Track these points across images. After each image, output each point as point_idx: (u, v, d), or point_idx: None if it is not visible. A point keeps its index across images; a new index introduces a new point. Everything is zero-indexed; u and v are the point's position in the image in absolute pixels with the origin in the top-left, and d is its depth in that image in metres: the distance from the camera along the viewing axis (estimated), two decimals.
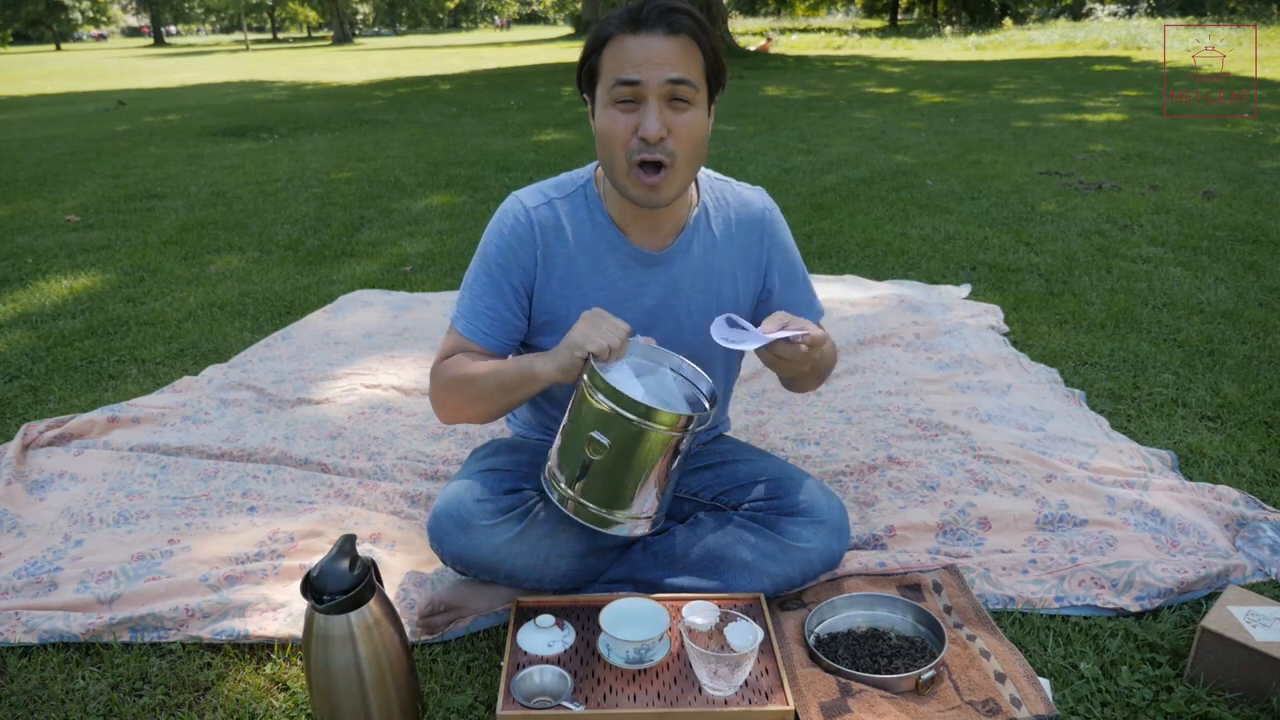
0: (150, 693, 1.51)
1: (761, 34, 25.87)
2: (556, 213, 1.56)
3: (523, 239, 1.55)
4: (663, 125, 1.40)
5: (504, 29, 73.16)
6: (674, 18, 1.38)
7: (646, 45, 1.38)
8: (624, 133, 1.41)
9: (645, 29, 1.38)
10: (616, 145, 1.43)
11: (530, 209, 1.56)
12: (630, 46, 1.38)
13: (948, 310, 3.22)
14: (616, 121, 1.41)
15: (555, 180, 1.61)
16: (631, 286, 1.58)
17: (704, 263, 1.61)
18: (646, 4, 1.38)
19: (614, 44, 1.40)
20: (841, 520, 1.66)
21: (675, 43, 1.39)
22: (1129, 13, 28.36)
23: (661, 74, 1.38)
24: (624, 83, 1.39)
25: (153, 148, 8.14)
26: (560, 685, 1.41)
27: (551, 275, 1.56)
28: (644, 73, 1.38)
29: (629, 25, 1.39)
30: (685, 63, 1.39)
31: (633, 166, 1.43)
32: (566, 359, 1.40)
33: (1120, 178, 5.52)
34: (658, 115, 1.39)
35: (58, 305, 3.62)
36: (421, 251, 4.35)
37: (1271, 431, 2.32)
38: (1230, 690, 1.42)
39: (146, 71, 22.49)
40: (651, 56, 1.38)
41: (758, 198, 1.68)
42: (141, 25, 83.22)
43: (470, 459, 1.73)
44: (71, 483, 2.15)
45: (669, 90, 1.39)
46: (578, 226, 1.56)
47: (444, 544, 1.55)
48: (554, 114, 9.83)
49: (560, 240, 1.56)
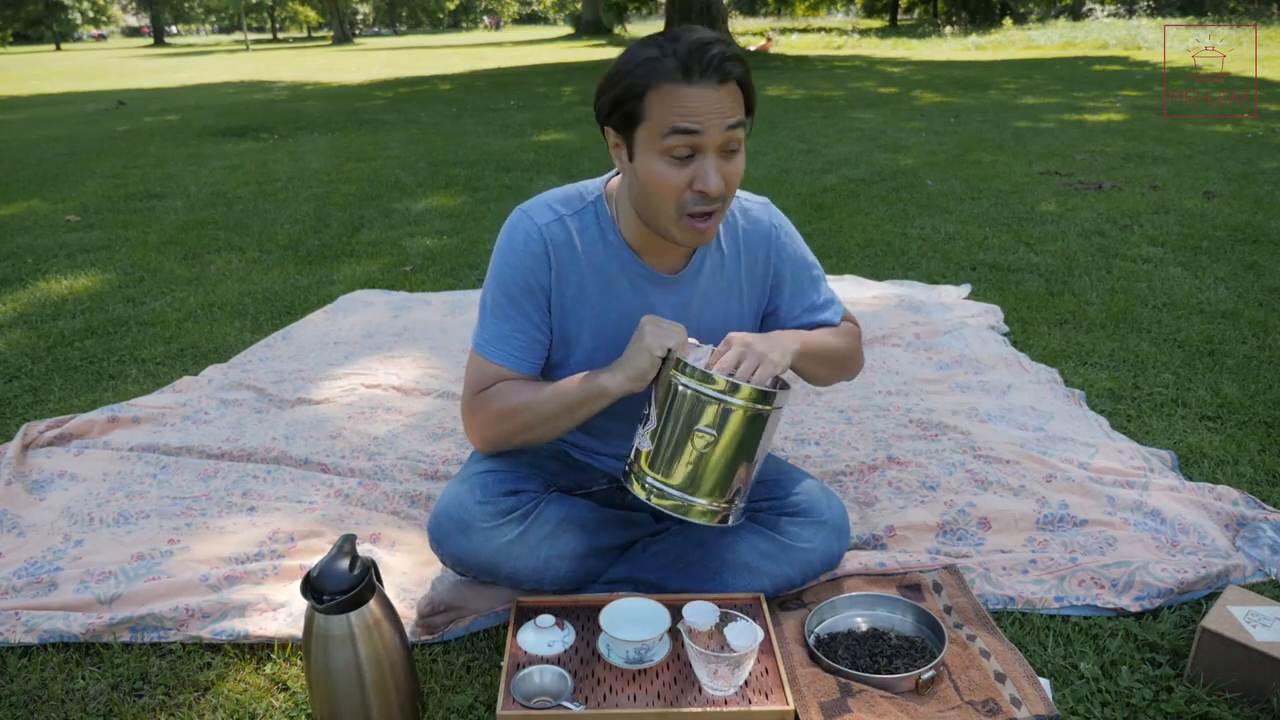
0: (150, 693, 1.51)
1: (761, 34, 25.87)
2: (568, 230, 1.52)
3: (537, 257, 1.50)
4: (721, 176, 1.36)
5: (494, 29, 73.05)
6: (729, 66, 1.33)
7: (704, 96, 1.32)
8: (678, 186, 1.37)
9: (701, 80, 1.32)
10: (667, 197, 1.38)
11: (541, 226, 1.51)
12: (687, 97, 1.32)
13: (948, 310, 3.22)
14: (669, 174, 1.36)
15: (562, 194, 1.56)
16: (642, 306, 1.56)
17: (713, 282, 1.60)
18: (700, 54, 1.32)
19: (663, 91, 1.33)
20: (841, 520, 1.66)
21: (729, 89, 1.35)
22: (1129, 13, 28.36)
23: (720, 124, 1.34)
24: (682, 132, 1.33)
25: (153, 148, 8.14)
26: (560, 685, 1.41)
27: (565, 293, 1.53)
28: (705, 123, 1.33)
29: (682, 75, 1.32)
30: (737, 108, 1.36)
31: (683, 216, 1.39)
32: (644, 362, 1.39)
33: (1120, 178, 5.52)
34: (717, 169, 1.36)
35: (58, 305, 3.62)
36: (421, 251, 4.35)
37: (1271, 431, 2.32)
38: (1230, 690, 1.42)
39: (146, 71, 22.49)
40: (711, 107, 1.33)
41: (764, 215, 1.65)
42: (141, 25, 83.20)
43: (471, 459, 1.73)
44: (71, 483, 2.15)
45: (726, 139, 1.35)
46: (589, 245, 1.53)
47: (444, 545, 1.55)
48: (554, 114, 9.83)
49: (573, 258, 1.52)
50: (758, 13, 47.51)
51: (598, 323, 1.56)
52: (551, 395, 1.49)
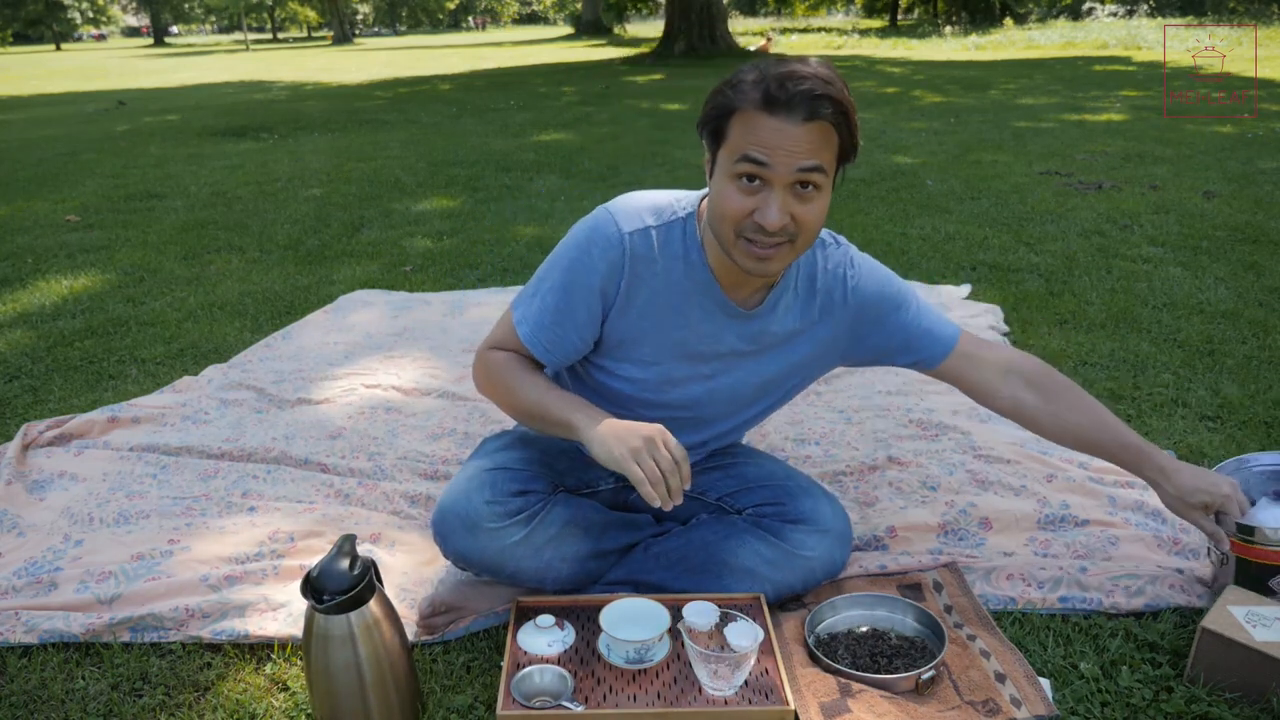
0: (150, 693, 1.51)
1: (761, 34, 25.85)
2: (651, 243, 1.46)
3: (613, 264, 1.45)
4: (785, 214, 1.31)
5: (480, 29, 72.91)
6: (816, 105, 1.27)
7: (782, 130, 1.27)
8: (740, 212, 1.33)
9: (783, 113, 1.27)
10: (728, 220, 1.35)
11: (626, 234, 1.45)
12: (763, 127, 1.28)
13: (948, 310, 3.22)
14: (735, 198, 1.33)
15: (654, 203, 1.50)
16: (710, 332, 1.52)
17: (786, 322, 1.55)
18: (786, 84, 1.27)
19: (744, 116, 1.30)
20: (845, 529, 1.66)
21: (813, 129, 1.28)
22: (1129, 13, 28.36)
23: (793, 162, 1.28)
24: (751, 160, 1.30)
25: (153, 148, 8.14)
26: (560, 685, 1.41)
27: (632, 304, 1.49)
28: (775, 158, 1.28)
29: (766, 105, 1.28)
30: (819, 150, 1.30)
31: (740, 239, 1.35)
32: (610, 455, 1.34)
33: (1120, 178, 5.52)
34: (780, 206, 1.30)
35: (58, 305, 3.62)
36: (421, 251, 4.35)
37: (1271, 431, 2.32)
38: (1230, 690, 1.42)
39: (146, 71, 22.49)
40: (785, 143, 1.28)
41: (841, 259, 1.57)
42: (141, 25, 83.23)
43: (481, 448, 1.71)
44: (71, 483, 2.15)
45: (798, 178, 1.30)
46: (670, 262, 1.47)
47: (448, 541, 1.54)
48: (554, 114, 9.83)
49: (650, 272, 1.47)
50: (758, 13, 47.50)
51: (660, 339, 1.52)
52: (536, 397, 1.48)
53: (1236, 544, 1.54)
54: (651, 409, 1.59)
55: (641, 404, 1.59)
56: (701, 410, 1.62)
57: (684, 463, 1.34)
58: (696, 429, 1.66)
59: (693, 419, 1.63)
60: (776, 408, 1.73)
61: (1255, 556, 1.53)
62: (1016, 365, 1.64)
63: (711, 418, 1.65)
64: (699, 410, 1.62)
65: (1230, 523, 1.53)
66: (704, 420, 1.65)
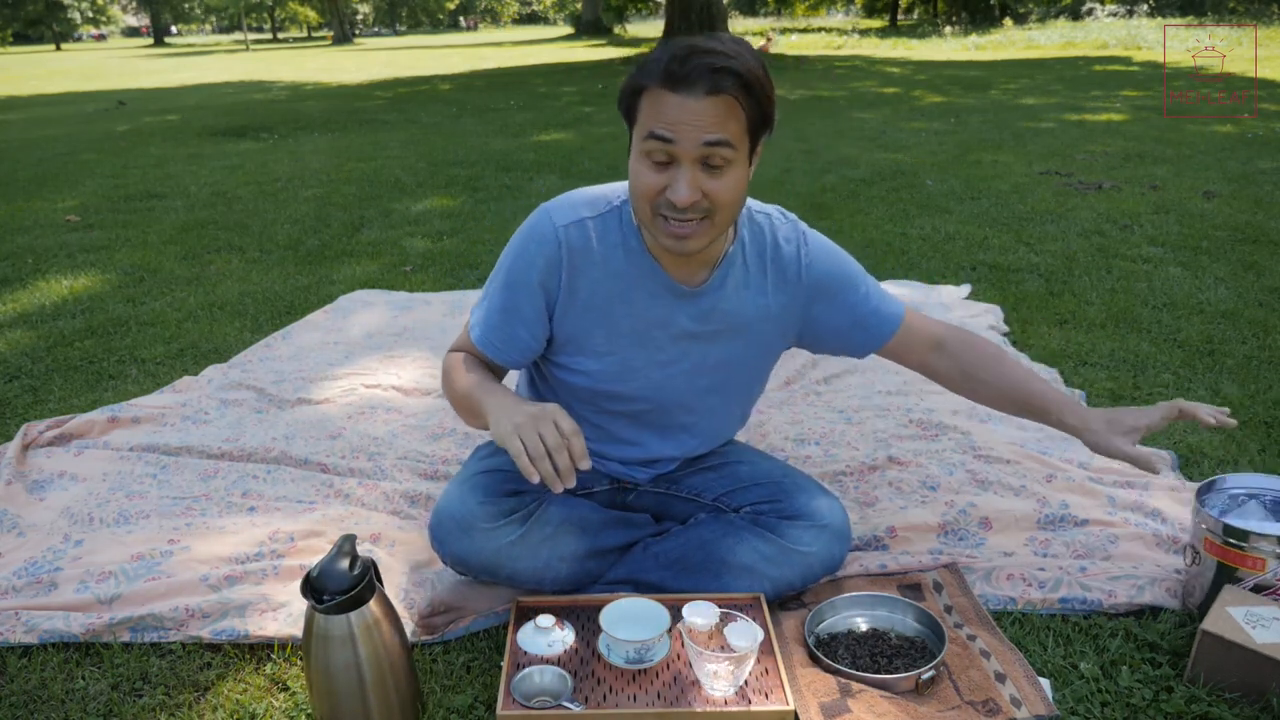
0: (150, 693, 1.51)
1: (761, 34, 25.84)
2: (588, 233, 1.48)
3: (550, 259, 1.47)
4: (695, 189, 1.32)
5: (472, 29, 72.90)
6: (716, 79, 1.27)
7: (684, 105, 1.28)
8: (652, 189, 1.34)
9: (684, 88, 1.27)
10: (643, 198, 1.36)
11: (560, 228, 1.47)
12: (667, 104, 1.29)
13: (948, 310, 3.22)
14: (646, 176, 1.34)
15: (589, 196, 1.52)
16: (658, 317, 1.53)
17: (737, 299, 1.55)
18: (688, 60, 1.27)
19: (650, 94, 1.31)
20: (843, 525, 1.66)
21: (716, 102, 1.28)
22: (1129, 13, 28.35)
23: (697, 136, 1.29)
24: (656, 138, 1.30)
25: (153, 148, 8.14)
26: (560, 685, 1.41)
27: (576, 296, 1.50)
28: (679, 133, 1.29)
29: (666, 81, 1.28)
30: (725, 123, 1.29)
31: (658, 217, 1.36)
32: (495, 434, 1.35)
33: (1120, 178, 5.52)
34: (690, 181, 1.31)
35: (58, 305, 3.62)
36: (421, 251, 4.35)
37: (1271, 431, 2.32)
38: (1230, 691, 1.42)
39: (146, 71, 22.49)
40: (687, 118, 1.28)
41: (793, 237, 1.58)
42: (141, 25, 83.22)
43: (473, 457, 1.73)
44: (71, 483, 2.15)
45: (704, 153, 1.30)
46: (609, 251, 1.49)
47: (445, 544, 1.55)
48: (554, 114, 9.83)
49: (588, 263, 1.48)
50: (758, 13, 47.49)
51: (611, 328, 1.52)
52: (464, 388, 1.49)
53: (1221, 548, 1.54)
54: (615, 401, 1.60)
55: (605, 396, 1.59)
56: (665, 398, 1.60)
57: (574, 437, 1.31)
58: (666, 425, 1.65)
59: (658, 411, 1.62)
60: (742, 399, 1.71)
61: (1235, 562, 1.53)
62: (945, 336, 1.67)
63: (676, 406, 1.62)
64: (662, 398, 1.60)
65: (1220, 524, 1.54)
66: (669, 411, 1.63)
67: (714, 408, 1.67)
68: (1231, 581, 1.53)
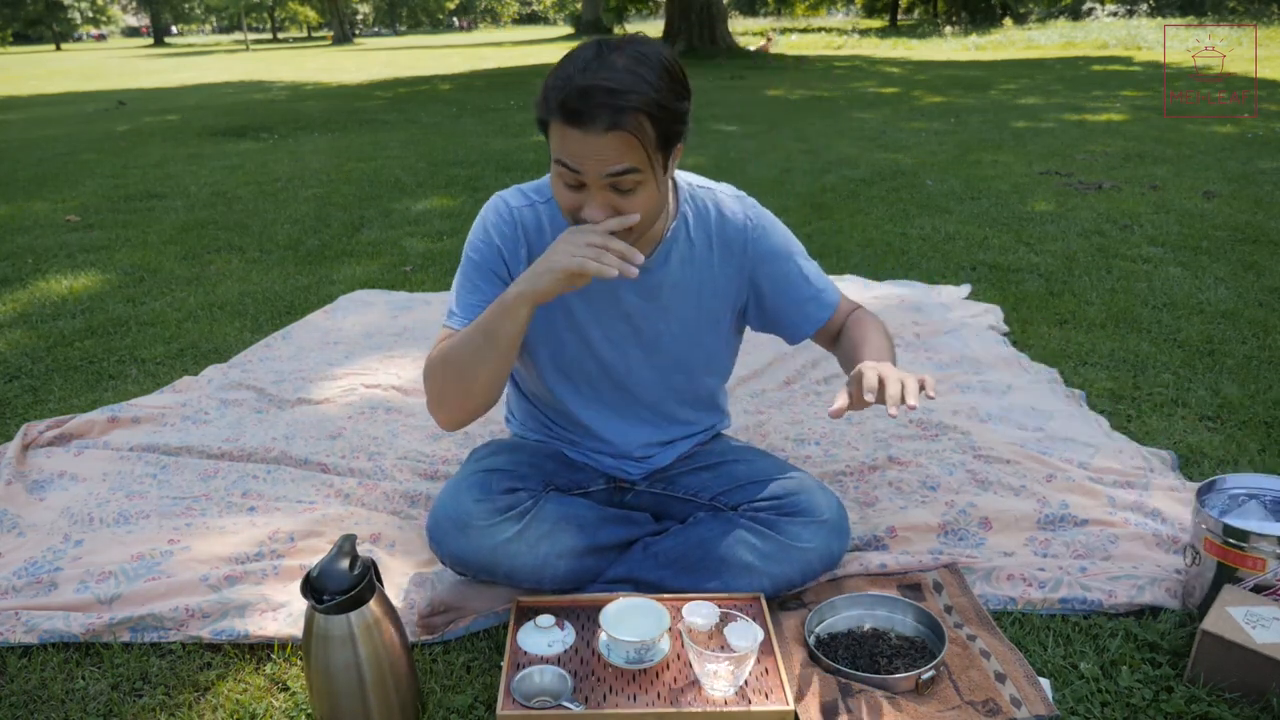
0: (150, 693, 1.51)
1: (761, 34, 25.85)
2: (539, 216, 1.56)
3: (506, 236, 1.55)
4: (608, 208, 1.35)
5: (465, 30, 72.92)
6: (615, 117, 1.27)
7: (585, 141, 1.29)
8: (571, 206, 1.38)
9: (583, 125, 1.28)
10: (564, 211, 1.40)
11: (514, 209, 1.56)
12: (569, 138, 1.30)
13: (948, 310, 3.22)
14: (562, 194, 1.38)
15: (538, 184, 1.59)
16: (607, 295, 1.57)
17: (683, 274, 1.59)
18: (586, 97, 1.27)
19: (554, 126, 1.32)
20: (841, 520, 1.66)
21: (616, 137, 1.28)
22: (1129, 13, 28.36)
23: (601, 169, 1.31)
24: (564, 166, 1.33)
25: (153, 148, 8.14)
26: (560, 685, 1.41)
27: None
28: (584, 165, 1.31)
29: (566, 118, 1.29)
30: (626, 153, 1.30)
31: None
32: (544, 283, 1.35)
33: (1120, 178, 5.52)
34: (600, 204, 1.34)
35: (58, 305, 3.62)
36: (421, 251, 4.35)
37: (1271, 431, 2.32)
38: (1230, 691, 1.42)
39: (146, 71, 22.49)
40: (590, 152, 1.30)
41: (739, 209, 1.62)
42: (141, 25, 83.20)
43: (469, 459, 1.73)
44: (71, 483, 2.15)
45: (611, 181, 1.32)
46: (558, 233, 1.51)
47: (443, 544, 1.56)
48: None
49: (540, 243, 1.54)
50: (758, 13, 47.51)
51: (565, 310, 1.58)
52: (469, 330, 1.47)
53: (1221, 548, 1.54)
54: (580, 383, 1.65)
55: (570, 379, 1.64)
56: (623, 377, 1.65)
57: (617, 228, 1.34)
58: (631, 406, 1.68)
59: (619, 390, 1.66)
60: (703, 376, 1.72)
61: (1235, 562, 1.53)
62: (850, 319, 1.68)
63: (636, 384, 1.66)
64: (620, 377, 1.64)
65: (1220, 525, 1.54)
66: (630, 390, 1.67)
67: (678, 386, 1.70)
68: (1231, 581, 1.53)
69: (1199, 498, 1.64)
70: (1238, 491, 1.70)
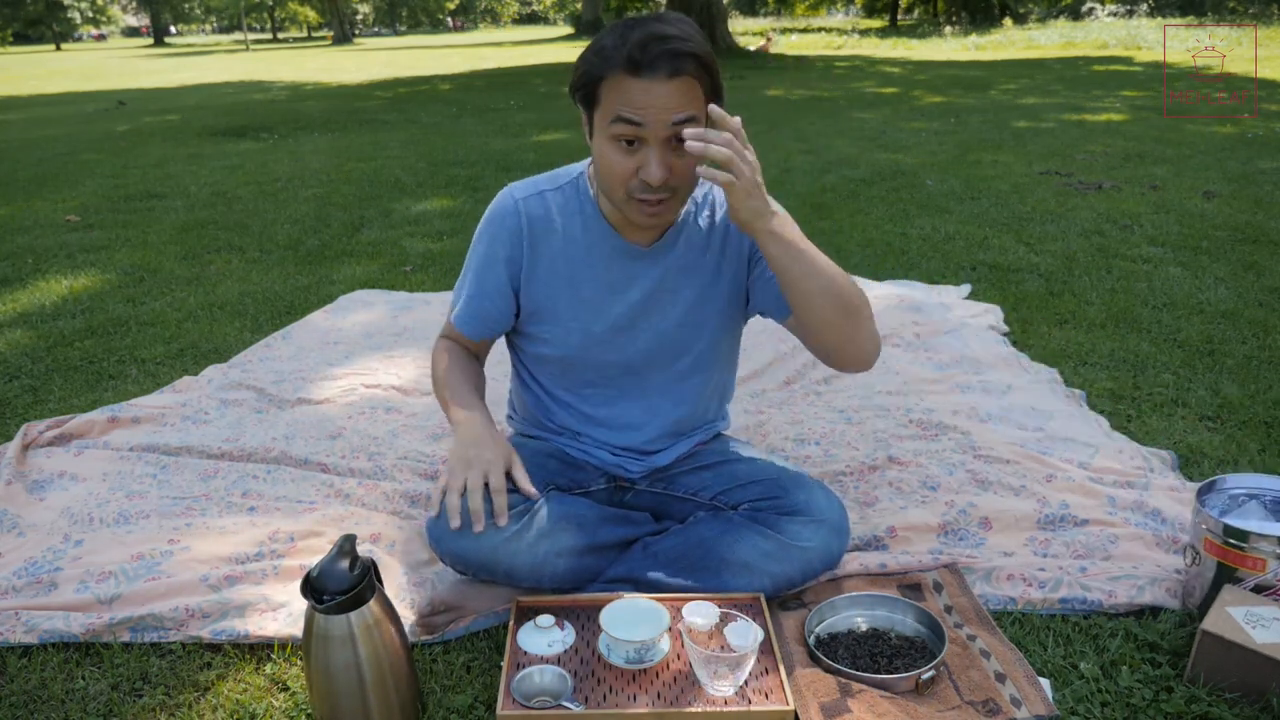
0: (150, 693, 1.51)
1: (761, 34, 25.86)
2: (547, 204, 1.59)
3: (510, 231, 1.58)
4: (665, 167, 1.38)
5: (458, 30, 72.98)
6: (678, 62, 1.34)
7: (650, 90, 1.34)
8: (625, 171, 1.40)
9: (647, 73, 1.34)
10: (616, 181, 1.42)
11: (519, 200, 1.59)
12: (632, 89, 1.35)
13: (948, 310, 3.22)
14: (617, 159, 1.40)
15: (550, 173, 1.64)
16: (618, 279, 1.60)
17: (690, 258, 1.62)
18: (648, 47, 1.33)
19: (612, 81, 1.36)
20: (841, 519, 1.66)
21: (678, 84, 1.35)
22: (1129, 13, 28.36)
23: (666, 118, 1.35)
24: (625, 121, 1.36)
25: (153, 148, 8.14)
26: (560, 685, 1.41)
27: (538, 266, 1.59)
28: (647, 116, 1.35)
29: (629, 68, 1.34)
30: (688, 102, 1.36)
31: (632, 198, 1.43)
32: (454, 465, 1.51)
33: (1120, 178, 5.52)
34: (660, 161, 1.37)
35: (58, 305, 3.62)
36: (421, 251, 4.35)
37: (1271, 431, 2.32)
38: (1230, 691, 1.42)
39: (146, 71, 22.49)
40: (655, 101, 1.34)
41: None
42: (141, 25, 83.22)
43: None
44: (71, 483, 2.15)
45: (673, 132, 1.36)
46: (568, 219, 1.58)
47: (442, 543, 1.56)
48: (554, 114, 9.83)
49: (548, 232, 1.58)
50: (758, 13, 47.50)
51: (573, 294, 1.60)
52: (440, 395, 1.65)
53: (1221, 548, 1.54)
54: (587, 369, 1.67)
55: (574, 365, 1.67)
56: (631, 360, 1.66)
57: (497, 495, 1.48)
58: (640, 390, 1.69)
59: (627, 374, 1.67)
60: (708, 364, 1.71)
61: (1235, 562, 1.53)
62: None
63: (644, 366, 1.67)
64: (629, 360, 1.66)
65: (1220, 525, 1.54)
66: (638, 373, 1.68)
67: (683, 372, 1.70)
68: (1231, 581, 1.53)
69: (1199, 498, 1.64)
70: (1238, 491, 1.70)
